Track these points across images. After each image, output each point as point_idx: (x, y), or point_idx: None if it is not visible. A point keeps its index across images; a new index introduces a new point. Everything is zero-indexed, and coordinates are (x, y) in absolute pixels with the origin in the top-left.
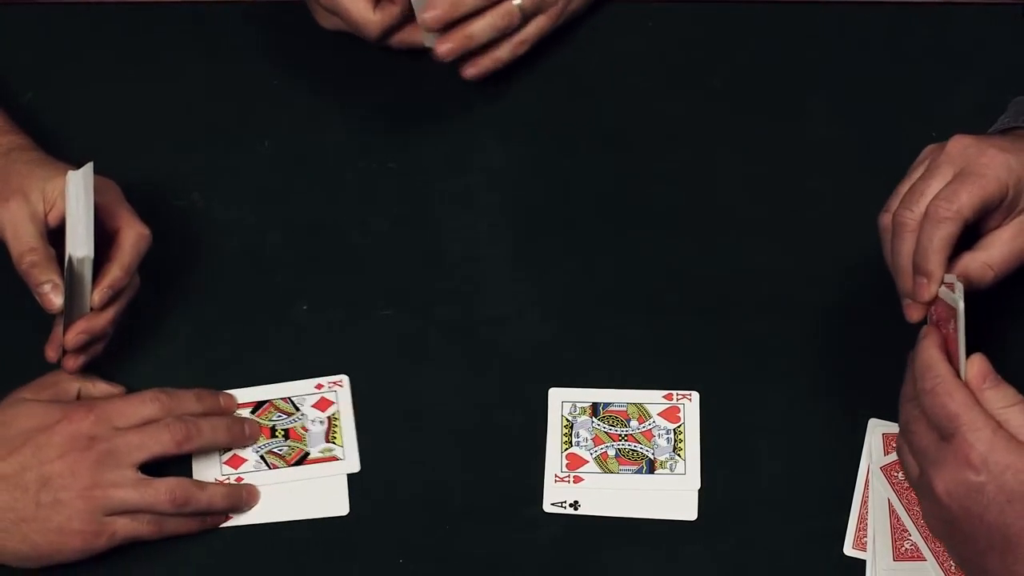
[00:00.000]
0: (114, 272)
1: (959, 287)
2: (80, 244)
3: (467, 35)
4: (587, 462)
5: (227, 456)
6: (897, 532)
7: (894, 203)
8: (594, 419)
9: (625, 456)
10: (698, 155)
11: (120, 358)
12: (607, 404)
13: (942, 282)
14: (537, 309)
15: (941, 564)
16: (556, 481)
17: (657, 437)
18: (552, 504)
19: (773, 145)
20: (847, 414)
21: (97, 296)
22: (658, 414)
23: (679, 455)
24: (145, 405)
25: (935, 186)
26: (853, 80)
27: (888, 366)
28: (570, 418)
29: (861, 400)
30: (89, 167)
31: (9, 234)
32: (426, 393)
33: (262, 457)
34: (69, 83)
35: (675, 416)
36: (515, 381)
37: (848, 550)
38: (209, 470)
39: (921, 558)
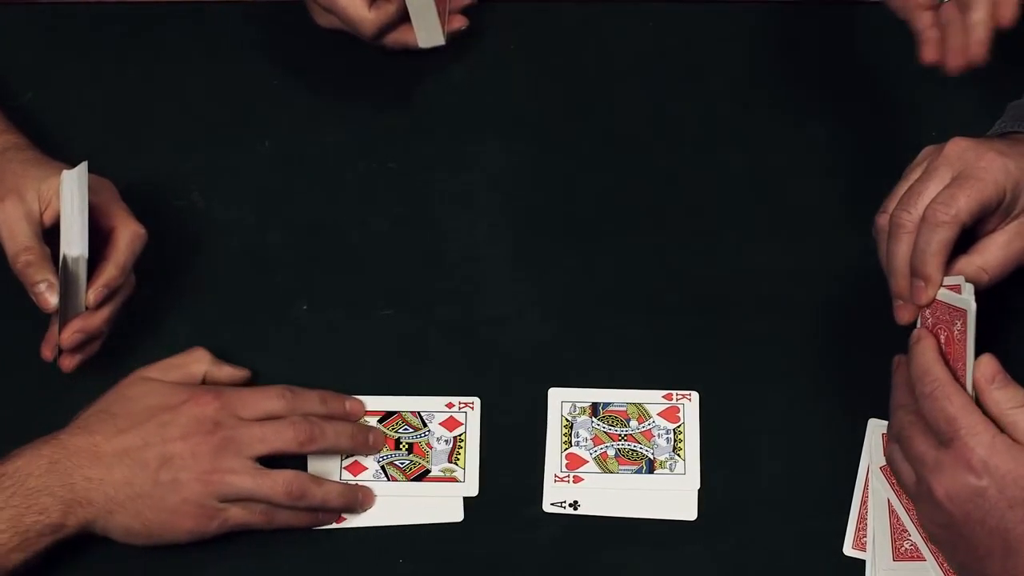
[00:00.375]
0: (109, 271)
1: (968, 288)
2: (75, 243)
3: None
4: (587, 462)
5: (348, 462)
6: (897, 532)
7: (891, 204)
8: (594, 419)
9: (625, 456)
10: (698, 155)
11: (120, 358)
12: (607, 404)
13: (940, 285)
14: (537, 309)
15: (940, 564)
16: (556, 481)
17: (657, 437)
18: (552, 504)
19: (773, 145)
20: (847, 414)
21: (92, 295)
22: (658, 414)
23: (679, 455)
24: (271, 400)
25: (933, 188)
26: (853, 80)
27: (888, 366)
28: (570, 418)
29: (861, 400)
30: (83, 166)
31: (4, 233)
32: (426, 393)
33: (383, 468)
34: (69, 83)
35: (675, 416)
36: (515, 381)
37: (848, 550)
38: (329, 475)
39: (921, 558)
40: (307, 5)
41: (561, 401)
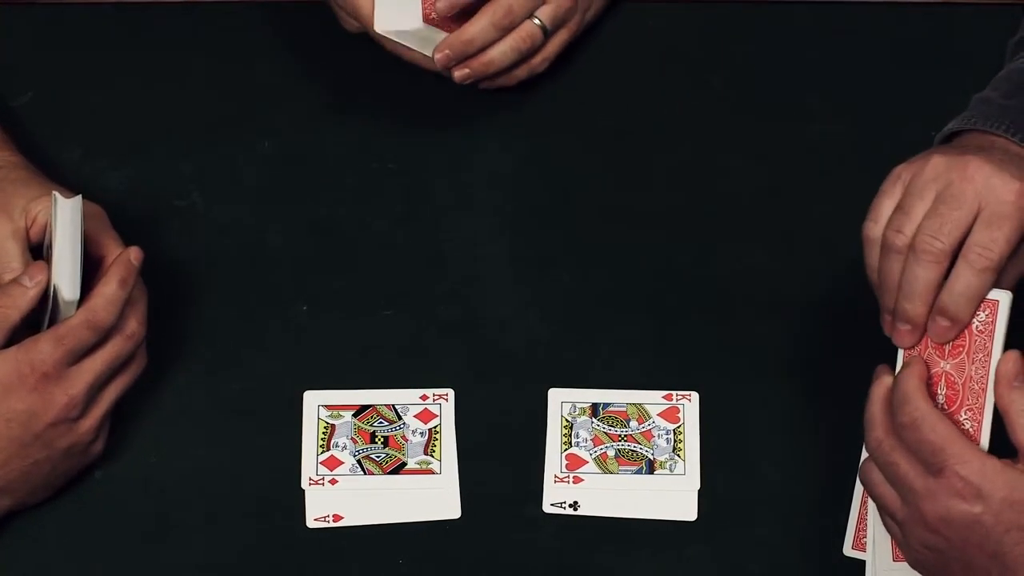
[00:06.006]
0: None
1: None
2: (65, 283)
3: (486, 62)
4: (587, 462)
5: (324, 456)
6: None
7: (906, 224)
8: (594, 419)
9: (625, 456)
10: (698, 155)
11: None
12: (607, 404)
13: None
14: (537, 309)
15: None
16: (556, 481)
17: (657, 437)
18: (552, 504)
19: (773, 145)
20: (847, 414)
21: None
22: (658, 414)
23: (679, 455)
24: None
25: (962, 217)
26: (853, 80)
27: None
28: (570, 418)
29: (861, 400)
30: (78, 200)
31: None
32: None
33: (359, 462)
34: (69, 83)
35: (675, 416)
36: (515, 381)
37: (848, 550)
38: (305, 470)
39: None
40: (334, 10)
41: (561, 401)
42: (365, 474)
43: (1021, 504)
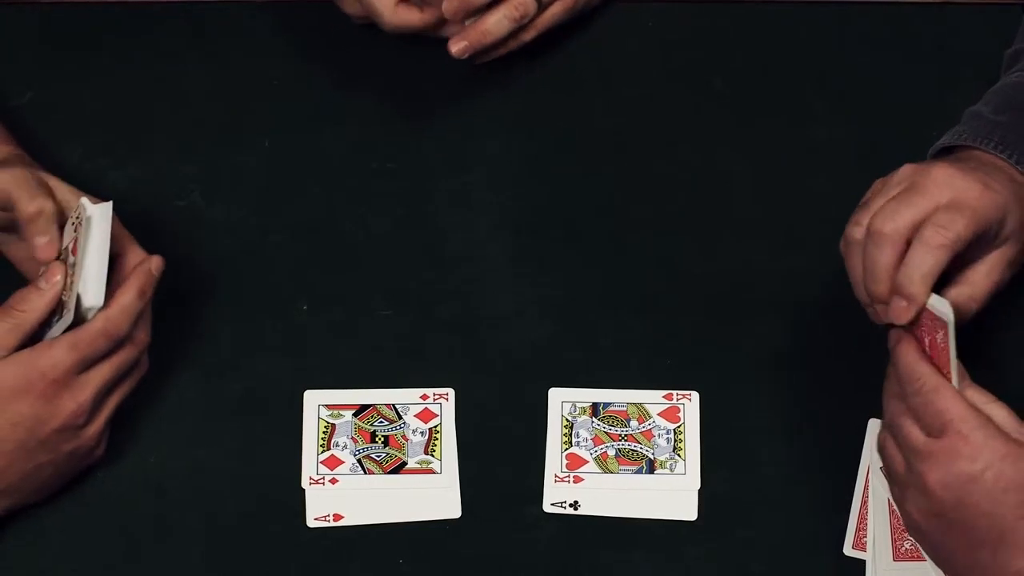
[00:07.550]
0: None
1: (944, 300)
2: (91, 292)
3: (482, 31)
4: (587, 462)
5: (324, 456)
6: (897, 532)
7: (864, 216)
8: (594, 419)
9: (625, 456)
10: (698, 155)
11: None
12: (607, 404)
13: (923, 306)
14: (537, 309)
15: None
16: (556, 481)
17: (657, 437)
18: (552, 504)
19: (773, 145)
20: (847, 414)
21: None
22: (658, 414)
23: (679, 455)
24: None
25: (924, 203)
26: (853, 80)
27: (888, 366)
28: (570, 418)
29: (861, 400)
30: (108, 206)
31: (12, 189)
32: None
33: (359, 461)
34: (69, 83)
35: (675, 416)
36: (515, 381)
37: (848, 550)
38: (306, 470)
39: (921, 558)
40: None
41: (561, 401)
42: (365, 474)
43: (1021, 463)
